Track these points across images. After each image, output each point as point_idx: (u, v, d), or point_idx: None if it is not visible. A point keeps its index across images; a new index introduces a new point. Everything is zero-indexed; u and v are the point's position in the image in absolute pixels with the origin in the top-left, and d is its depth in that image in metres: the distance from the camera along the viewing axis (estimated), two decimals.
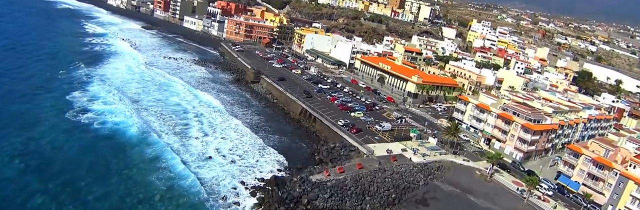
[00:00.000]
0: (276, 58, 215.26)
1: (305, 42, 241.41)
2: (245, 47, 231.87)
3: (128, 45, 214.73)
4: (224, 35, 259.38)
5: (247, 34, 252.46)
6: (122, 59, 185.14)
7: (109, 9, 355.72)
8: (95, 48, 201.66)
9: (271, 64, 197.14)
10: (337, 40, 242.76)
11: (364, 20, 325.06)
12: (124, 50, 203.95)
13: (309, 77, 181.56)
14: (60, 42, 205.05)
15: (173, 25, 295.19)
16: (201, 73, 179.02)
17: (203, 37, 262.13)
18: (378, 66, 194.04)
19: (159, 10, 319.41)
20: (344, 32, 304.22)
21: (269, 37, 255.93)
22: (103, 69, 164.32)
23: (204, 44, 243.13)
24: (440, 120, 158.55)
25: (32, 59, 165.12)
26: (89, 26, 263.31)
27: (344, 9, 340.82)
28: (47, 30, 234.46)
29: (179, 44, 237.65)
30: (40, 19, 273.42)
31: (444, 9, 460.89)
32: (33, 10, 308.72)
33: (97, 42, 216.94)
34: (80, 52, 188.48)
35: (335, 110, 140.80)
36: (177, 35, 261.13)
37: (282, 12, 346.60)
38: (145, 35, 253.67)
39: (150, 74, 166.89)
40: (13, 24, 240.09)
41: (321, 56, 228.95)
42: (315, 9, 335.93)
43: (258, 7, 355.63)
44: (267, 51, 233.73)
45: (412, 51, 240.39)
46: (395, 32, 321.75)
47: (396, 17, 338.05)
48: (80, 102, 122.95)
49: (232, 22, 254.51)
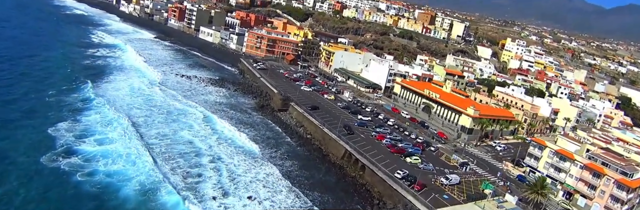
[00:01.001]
0: (304, 79, 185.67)
1: (334, 60, 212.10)
2: (267, 64, 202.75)
3: (137, 59, 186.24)
4: (244, 49, 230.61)
5: (269, 48, 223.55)
6: (127, 76, 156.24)
7: (121, 16, 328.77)
8: (99, 61, 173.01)
9: (299, 87, 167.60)
10: (369, 58, 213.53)
11: (394, 36, 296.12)
12: (131, 64, 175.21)
13: (344, 105, 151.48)
14: (62, 53, 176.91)
15: (188, 36, 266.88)
16: (218, 96, 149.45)
17: (220, 50, 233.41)
18: (424, 93, 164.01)
19: (174, 19, 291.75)
20: (372, 48, 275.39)
21: (293, 53, 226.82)
22: (104, 89, 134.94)
23: (222, 59, 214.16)
24: (505, 163, 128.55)
25: (25, 75, 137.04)
26: (97, 35, 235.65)
27: (371, 24, 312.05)
28: (51, 38, 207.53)
29: (193, 59, 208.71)
30: (47, 25, 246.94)
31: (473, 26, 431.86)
32: (42, 15, 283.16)
33: (102, 54, 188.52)
34: (81, 67, 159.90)
35: (384, 152, 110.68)
36: (191, 48, 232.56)
37: (305, 25, 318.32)
38: (157, 47, 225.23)
39: (159, 96, 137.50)
40: (17, 30, 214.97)
41: (353, 77, 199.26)
42: (340, 23, 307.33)
43: (279, 18, 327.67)
44: (292, 70, 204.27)
45: (453, 74, 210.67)
46: (427, 50, 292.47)
47: (427, 34, 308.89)
48: (65, 139, 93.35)
49: (252, 35, 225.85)
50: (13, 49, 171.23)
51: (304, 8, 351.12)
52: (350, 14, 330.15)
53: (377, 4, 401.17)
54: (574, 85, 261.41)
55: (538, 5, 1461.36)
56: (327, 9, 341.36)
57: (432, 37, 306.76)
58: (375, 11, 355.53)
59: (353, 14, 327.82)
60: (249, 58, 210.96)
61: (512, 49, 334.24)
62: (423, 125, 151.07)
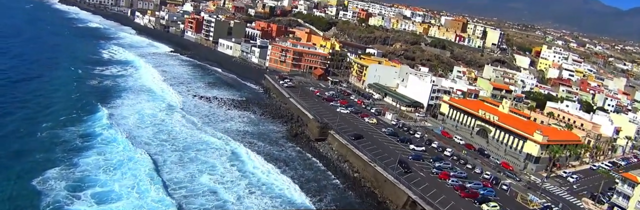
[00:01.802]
0: (337, 97, 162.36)
1: (367, 75, 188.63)
2: (295, 80, 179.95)
3: (150, 78, 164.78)
4: (267, 63, 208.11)
5: (295, 62, 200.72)
6: (138, 100, 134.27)
7: (136, 28, 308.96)
8: (108, 82, 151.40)
9: (334, 108, 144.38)
10: (405, 72, 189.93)
11: (425, 45, 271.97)
12: (143, 84, 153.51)
13: (390, 131, 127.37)
14: (70, 73, 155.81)
15: (206, 49, 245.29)
16: (243, 123, 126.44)
17: (241, 65, 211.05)
18: (479, 115, 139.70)
19: (190, 31, 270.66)
20: (403, 59, 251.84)
21: (322, 66, 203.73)
22: (110, 116, 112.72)
23: (243, 75, 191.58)
24: (584, 201, 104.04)
25: (23, 103, 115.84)
26: (110, 50, 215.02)
27: (400, 32, 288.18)
28: (61, 54, 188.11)
29: (213, 75, 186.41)
30: (59, 39, 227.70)
31: None
32: (55, 28, 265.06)
33: (113, 72, 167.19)
34: (88, 90, 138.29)
35: (453, 196, 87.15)
36: (210, 63, 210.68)
37: (328, 35, 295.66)
38: (173, 63, 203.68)
39: (174, 125, 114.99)
40: (27, 46, 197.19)
41: (391, 94, 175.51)
42: (367, 32, 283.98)
43: (300, 28, 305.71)
44: (322, 86, 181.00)
45: (500, 88, 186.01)
46: (462, 60, 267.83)
47: (461, 42, 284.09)
48: (54, 195, 71.07)
49: (276, 48, 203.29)
50: (18, 69, 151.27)
51: (327, 17, 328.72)
52: (377, 22, 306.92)
53: (402, 11, 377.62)
54: (619, 95, 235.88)
55: (554, 8, 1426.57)
56: (352, 18, 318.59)
57: (466, 46, 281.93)
58: (401, 18, 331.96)
59: (379, 23, 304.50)
60: (273, 73, 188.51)
61: (549, 57, 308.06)
62: (482, 153, 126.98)
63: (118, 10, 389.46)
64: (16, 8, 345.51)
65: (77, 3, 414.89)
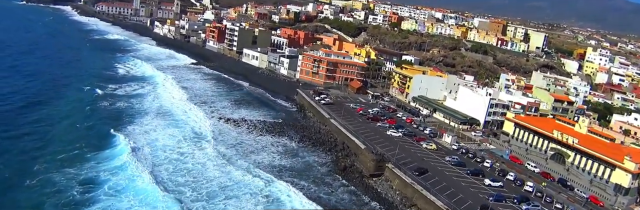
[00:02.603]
0: (384, 116, 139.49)
1: (411, 87, 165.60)
2: (331, 95, 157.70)
3: (170, 96, 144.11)
4: (297, 75, 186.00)
5: (329, 74, 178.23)
6: (155, 125, 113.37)
7: (155, 39, 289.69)
8: (121, 103, 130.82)
9: (383, 130, 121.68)
10: (453, 83, 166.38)
11: (465, 50, 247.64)
12: (162, 105, 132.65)
13: (456, 161, 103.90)
14: (80, 94, 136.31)
15: (229, 60, 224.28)
16: (278, 153, 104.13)
17: (269, 78, 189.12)
18: (553, 136, 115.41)
19: (212, 40, 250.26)
20: (442, 66, 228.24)
21: (359, 78, 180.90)
22: (117, 156, 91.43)
23: (273, 89, 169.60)
24: None
25: (19, 134, 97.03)
26: (127, 64, 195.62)
27: (436, 37, 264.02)
28: (73, 71, 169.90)
29: (239, 91, 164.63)
30: (75, 54, 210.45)
31: None
32: (72, 42, 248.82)
33: (127, 91, 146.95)
34: (97, 114, 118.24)
35: None
36: (235, 75, 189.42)
37: (358, 41, 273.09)
38: (195, 77, 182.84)
39: (197, 159, 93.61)
40: (42, 62, 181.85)
41: (441, 109, 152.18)
42: (401, 37, 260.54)
43: (328, 34, 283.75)
44: (362, 101, 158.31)
45: (561, 100, 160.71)
46: (506, 66, 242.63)
47: (503, 47, 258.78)
48: None
49: (308, 59, 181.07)
50: (29, 90, 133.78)
51: (355, 21, 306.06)
52: (410, 26, 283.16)
53: (433, 13, 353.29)
54: None
55: (577, 6, 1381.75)
56: (382, 22, 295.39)
57: (510, 51, 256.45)
58: (435, 21, 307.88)
59: (413, 27, 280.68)
60: (306, 87, 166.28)
61: (595, 60, 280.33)
62: (564, 184, 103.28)
63: (137, 20, 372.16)
64: (36, 21, 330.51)
65: (96, 14, 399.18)
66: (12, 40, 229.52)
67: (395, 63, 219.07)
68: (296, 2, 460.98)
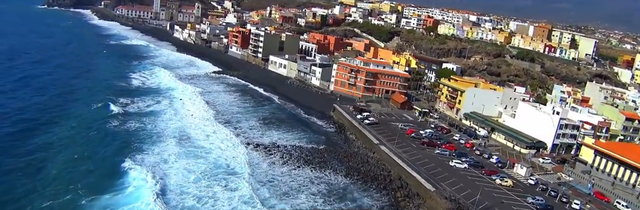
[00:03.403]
0: (440, 139, 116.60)
1: (464, 102, 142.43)
2: (374, 111, 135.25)
3: (187, 113, 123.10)
4: (331, 86, 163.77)
5: (367, 85, 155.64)
6: (167, 154, 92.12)
7: (175, 44, 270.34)
8: (131, 123, 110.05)
9: (442, 158, 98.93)
10: (508, 97, 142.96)
11: (510, 57, 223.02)
12: (178, 126, 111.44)
13: (542, 205, 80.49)
14: (86, 113, 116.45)
15: (254, 68, 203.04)
16: (322, 194, 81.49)
17: (300, 89, 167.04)
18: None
19: (235, 46, 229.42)
20: (486, 75, 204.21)
21: (401, 90, 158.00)
22: (127, 196, 70.51)
23: (305, 103, 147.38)
24: None
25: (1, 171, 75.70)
26: (142, 72, 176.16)
27: (477, 42, 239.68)
28: (85, 83, 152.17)
29: (267, 106, 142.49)
30: (89, 62, 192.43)
31: None
32: (90, 48, 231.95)
33: (140, 107, 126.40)
34: (104, 139, 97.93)
35: None
36: (262, 86, 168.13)
37: (391, 46, 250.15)
38: (217, 88, 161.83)
39: (219, 207, 72.02)
40: (56, 72, 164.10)
41: (501, 129, 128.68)
42: (438, 43, 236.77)
43: (357, 39, 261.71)
44: (408, 119, 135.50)
45: (632, 118, 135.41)
46: (556, 75, 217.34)
47: (551, 54, 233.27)
48: None
49: (344, 68, 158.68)
50: (31, 108, 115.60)
51: (386, 25, 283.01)
52: (447, 30, 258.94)
53: (467, 17, 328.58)
54: None
55: (603, 7, 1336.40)
56: (416, 26, 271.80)
57: (558, 58, 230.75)
58: (471, 25, 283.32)
59: (451, 31, 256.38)
60: (343, 101, 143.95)
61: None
62: None
63: (157, 24, 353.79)
64: (55, 26, 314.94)
65: (116, 18, 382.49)
66: (29, 47, 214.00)
67: (434, 71, 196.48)
68: (320, 4, 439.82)
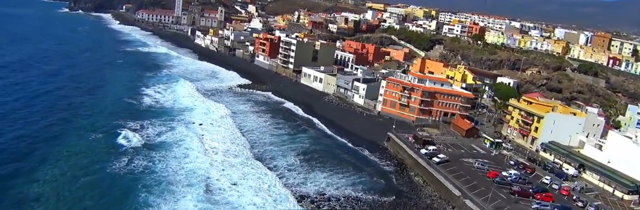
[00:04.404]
0: (532, 187, 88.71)
1: (541, 130, 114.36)
2: (438, 143, 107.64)
3: (207, 147, 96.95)
4: (379, 106, 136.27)
5: (423, 107, 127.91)
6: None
7: (195, 51, 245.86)
8: (137, 162, 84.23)
9: None
10: (593, 124, 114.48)
11: (572, 71, 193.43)
12: (194, 168, 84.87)
13: None
14: (79, 148, 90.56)
15: (285, 80, 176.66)
16: None
17: (340, 109, 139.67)
18: None
19: (262, 55, 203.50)
20: (545, 91, 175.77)
21: (463, 113, 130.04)
22: None
23: (350, 129, 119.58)
24: None
25: None
26: (157, 87, 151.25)
27: (532, 53, 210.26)
28: (91, 101, 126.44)
29: (306, 134, 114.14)
30: (101, 74, 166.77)
31: None
32: (103, 56, 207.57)
33: (150, 137, 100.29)
34: (95, 188, 72.28)
35: None
36: (296, 104, 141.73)
37: (433, 56, 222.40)
38: (245, 106, 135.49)
39: None
40: (61, 90, 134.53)
41: (592, 167, 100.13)
42: (489, 53, 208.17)
43: (394, 47, 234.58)
44: (479, 151, 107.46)
45: None
46: (623, 91, 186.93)
47: (616, 67, 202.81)
48: None
49: (394, 86, 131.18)
50: (23, 141, 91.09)
51: (426, 32, 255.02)
52: (495, 39, 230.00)
53: (510, 23, 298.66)
54: None
55: (630, 11, 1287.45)
56: (460, 33, 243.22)
57: (624, 72, 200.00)
58: (518, 33, 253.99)
59: (500, 40, 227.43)
60: (399, 128, 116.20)
61: None
62: None
63: (178, 29, 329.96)
64: (73, 31, 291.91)
65: (136, 22, 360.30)
66: (43, 55, 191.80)
67: (489, 86, 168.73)
68: (348, 9, 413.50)
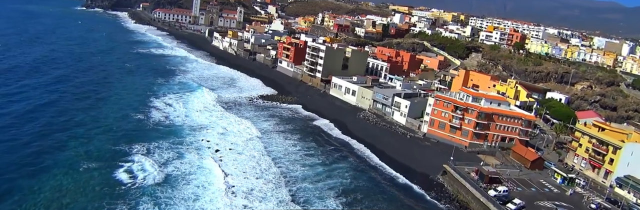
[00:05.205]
0: None
1: (618, 162, 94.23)
2: (502, 176, 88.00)
3: (222, 187, 78.24)
4: (424, 127, 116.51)
5: (478, 130, 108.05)
6: None
7: (212, 54, 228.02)
8: (138, 205, 65.93)
9: None
10: None
11: (626, 86, 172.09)
12: None
13: None
14: (69, 178, 74.08)
15: (312, 91, 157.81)
16: None
17: (379, 128, 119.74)
18: None
19: (286, 61, 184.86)
20: (599, 108, 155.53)
21: (523, 138, 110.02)
22: None
23: (397, 158, 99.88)
24: None
25: None
26: (165, 98, 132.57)
27: (582, 65, 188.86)
28: (89, 118, 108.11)
29: (345, 162, 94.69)
30: (105, 80, 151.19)
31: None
32: (114, 60, 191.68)
33: (154, 169, 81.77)
34: None
35: None
36: (329, 122, 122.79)
37: (470, 65, 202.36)
38: (268, 124, 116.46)
39: None
40: (64, 103, 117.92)
41: None
42: (533, 64, 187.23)
43: (427, 54, 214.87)
44: (549, 188, 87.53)
45: None
46: None
47: None
48: None
49: (444, 104, 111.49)
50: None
51: (460, 38, 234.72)
52: (539, 48, 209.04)
53: (547, 30, 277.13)
54: None
55: None
56: (499, 41, 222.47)
57: None
58: (559, 41, 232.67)
59: (545, 49, 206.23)
60: (458, 159, 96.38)
61: None
62: None
63: (195, 30, 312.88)
64: (86, 30, 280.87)
65: (152, 22, 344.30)
66: (53, 57, 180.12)
67: (539, 103, 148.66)
68: (372, 11, 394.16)
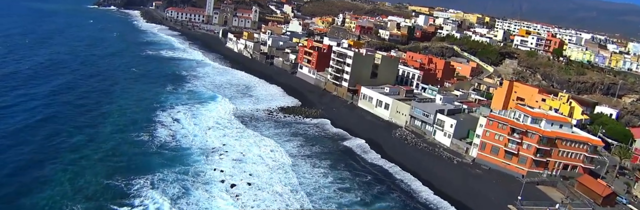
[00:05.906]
0: None
1: None
2: None
3: None
4: (474, 151, 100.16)
5: (539, 157, 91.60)
6: None
7: (226, 57, 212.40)
8: None
9: None
10: None
11: None
12: None
13: None
14: None
15: (337, 102, 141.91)
16: None
17: (419, 150, 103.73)
18: None
19: (307, 67, 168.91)
20: None
21: (588, 166, 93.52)
22: None
23: (447, 191, 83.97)
24: None
25: None
26: (172, 111, 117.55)
27: (630, 76, 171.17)
28: (83, 138, 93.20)
29: (388, 198, 79.14)
30: (106, 89, 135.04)
31: None
32: (121, 65, 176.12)
33: None
34: None
35: None
36: (362, 141, 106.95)
37: (505, 73, 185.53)
38: (292, 147, 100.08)
39: None
40: (53, 122, 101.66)
41: None
42: (576, 73, 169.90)
43: (457, 59, 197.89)
44: None
45: None
46: None
47: None
48: None
49: (499, 126, 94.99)
50: None
51: (492, 42, 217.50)
52: (580, 55, 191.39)
53: (581, 35, 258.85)
54: None
55: None
56: (536, 46, 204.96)
57: None
58: (596, 47, 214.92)
59: (587, 57, 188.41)
60: (526, 198, 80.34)
61: None
62: None
63: (208, 30, 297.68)
64: (96, 30, 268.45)
65: (164, 21, 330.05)
66: (60, 60, 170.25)
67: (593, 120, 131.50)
68: (391, 12, 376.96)
